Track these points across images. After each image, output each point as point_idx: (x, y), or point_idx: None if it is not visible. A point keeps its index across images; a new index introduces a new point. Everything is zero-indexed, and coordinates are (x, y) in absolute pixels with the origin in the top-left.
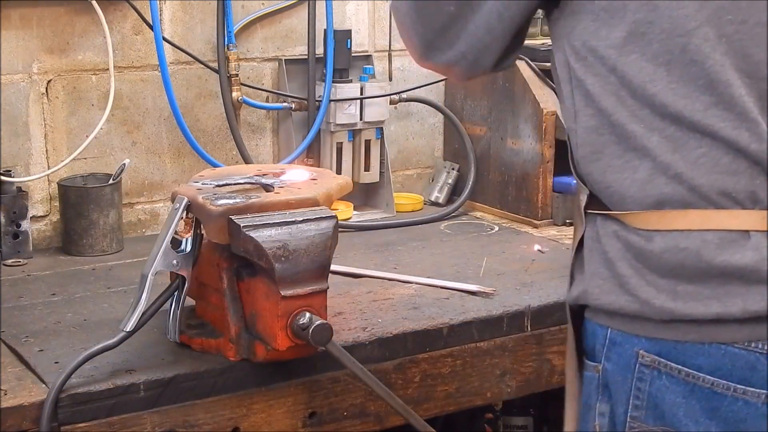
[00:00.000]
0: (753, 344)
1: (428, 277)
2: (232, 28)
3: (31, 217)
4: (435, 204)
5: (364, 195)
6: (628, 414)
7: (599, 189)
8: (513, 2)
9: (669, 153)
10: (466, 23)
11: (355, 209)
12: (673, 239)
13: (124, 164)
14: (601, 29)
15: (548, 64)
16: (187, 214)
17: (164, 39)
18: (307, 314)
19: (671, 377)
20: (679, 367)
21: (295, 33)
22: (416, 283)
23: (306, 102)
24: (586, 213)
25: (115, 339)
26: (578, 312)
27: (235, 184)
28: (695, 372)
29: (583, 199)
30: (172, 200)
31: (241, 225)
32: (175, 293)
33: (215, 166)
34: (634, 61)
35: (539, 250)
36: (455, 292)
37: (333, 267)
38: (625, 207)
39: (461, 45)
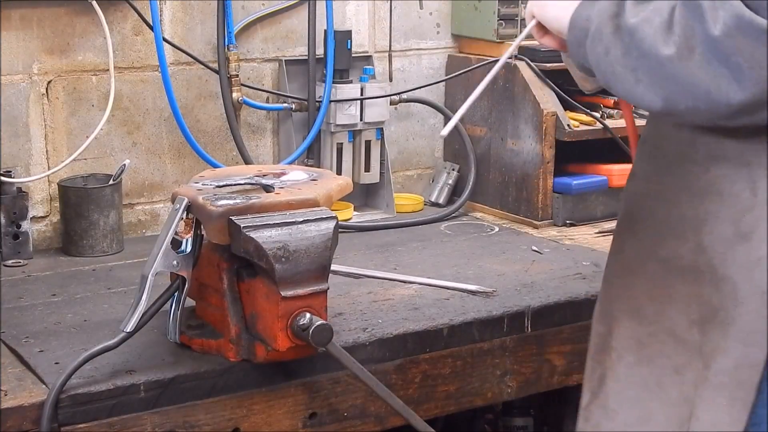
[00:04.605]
0: None
1: (428, 278)
2: (233, 28)
3: (31, 218)
4: (435, 204)
5: (364, 195)
6: None
7: None
8: None
9: None
10: None
11: (355, 210)
12: None
13: (125, 165)
14: None
15: (549, 65)
16: (187, 214)
17: (164, 39)
18: (308, 315)
19: None
20: None
21: (295, 33)
22: (416, 284)
23: (306, 102)
24: None
25: (116, 340)
26: None
27: (235, 184)
28: None
29: None
30: (173, 201)
31: (242, 226)
32: (176, 294)
33: (215, 166)
34: None
35: (535, 250)
36: (455, 292)
37: (333, 267)
38: None
39: None
